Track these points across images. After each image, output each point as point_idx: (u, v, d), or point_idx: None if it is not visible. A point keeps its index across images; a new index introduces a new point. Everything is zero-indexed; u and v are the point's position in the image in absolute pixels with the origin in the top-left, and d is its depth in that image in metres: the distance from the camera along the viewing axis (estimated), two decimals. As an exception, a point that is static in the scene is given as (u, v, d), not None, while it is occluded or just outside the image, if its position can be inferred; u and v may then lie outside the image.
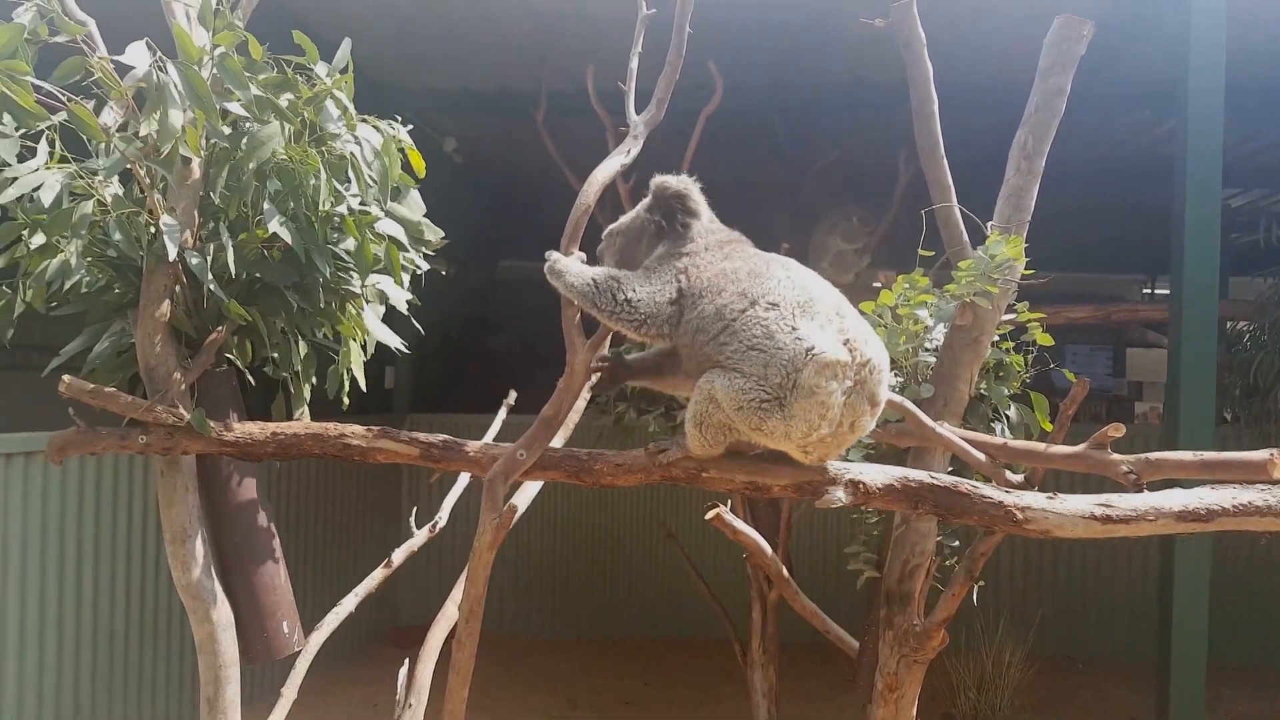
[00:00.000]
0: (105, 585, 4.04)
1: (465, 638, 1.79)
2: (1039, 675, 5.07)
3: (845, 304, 1.78)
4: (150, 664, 4.41)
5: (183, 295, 1.95)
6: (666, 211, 1.89)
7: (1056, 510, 1.63)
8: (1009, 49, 3.90)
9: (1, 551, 3.47)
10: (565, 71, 4.38)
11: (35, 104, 1.56)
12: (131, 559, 4.24)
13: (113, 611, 4.09)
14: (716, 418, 1.68)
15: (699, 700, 5.44)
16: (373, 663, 5.59)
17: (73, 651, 3.83)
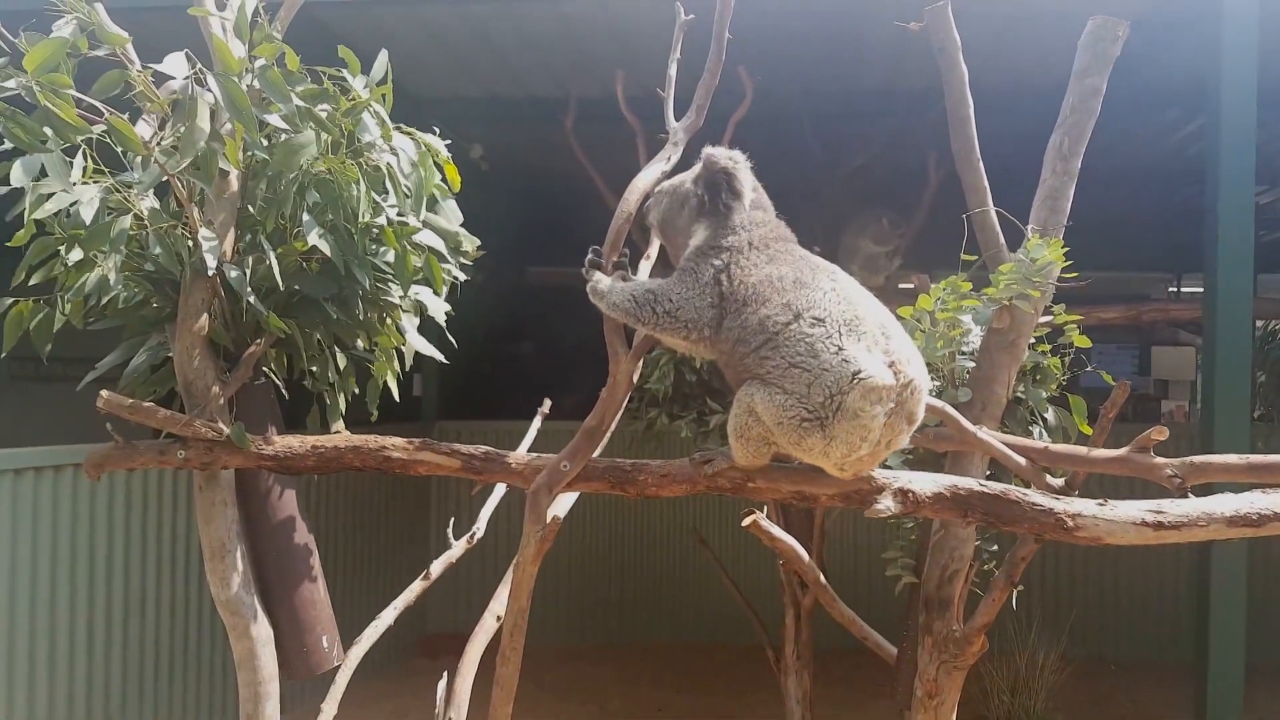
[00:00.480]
0: (144, 600, 4.06)
1: (509, 652, 1.78)
2: (1072, 678, 5.01)
3: (890, 319, 1.76)
4: (189, 680, 4.43)
5: (220, 308, 1.95)
6: (711, 186, 1.85)
7: (1107, 517, 1.60)
8: (1041, 51, 3.87)
9: (33, 565, 3.49)
10: (595, 78, 4.38)
11: (77, 117, 1.57)
12: (171, 573, 4.27)
13: (156, 627, 4.12)
14: (756, 431, 1.67)
15: (732, 707, 5.41)
16: (402, 673, 5.60)
17: (112, 666, 3.85)
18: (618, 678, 5.89)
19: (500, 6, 3.82)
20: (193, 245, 1.84)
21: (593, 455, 1.83)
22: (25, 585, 3.43)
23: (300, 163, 1.76)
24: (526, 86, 4.70)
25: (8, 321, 1.88)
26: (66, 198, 1.67)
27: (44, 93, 1.50)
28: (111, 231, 1.73)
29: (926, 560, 2.75)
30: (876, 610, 3.45)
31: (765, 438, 1.67)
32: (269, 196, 1.93)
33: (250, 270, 1.88)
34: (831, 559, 5.37)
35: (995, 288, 2.27)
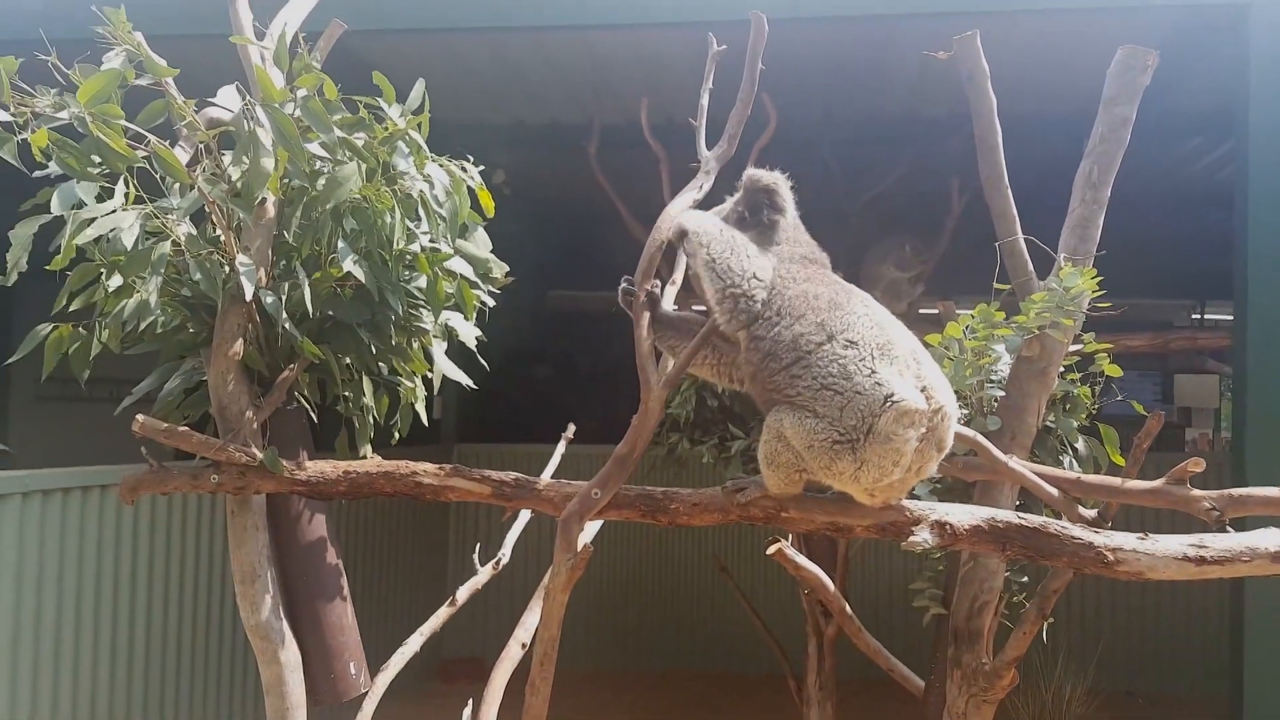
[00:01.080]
0: (168, 622, 4.07)
1: (539, 682, 1.77)
2: (1099, 711, 4.93)
3: (919, 346, 1.76)
4: (219, 704, 4.43)
5: (255, 334, 1.97)
6: (753, 205, 1.88)
7: (1149, 551, 1.58)
8: (1066, 78, 3.88)
9: (59, 586, 3.50)
10: (618, 105, 4.42)
11: (126, 146, 1.59)
12: (200, 597, 4.28)
13: (191, 649, 4.12)
14: (785, 456, 1.66)
15: (750, 736, 5.36)
16: (419, 697, 5.57)
17: (138, 689, 3.85)
18: (636, 704, 5.83)
19: (527, 35, 3.87)
20: (229, 271, 1.86)
21: (623, 482, 1.83)
22: (52, 605, 3.44)
23: (344, 194, 1.78)
24: (551, 113, 4.74)
25: (47, 346, 1.91)
26: (107, 223, 1.69)
27: (95, 123, 1.53)
28: (151, 256, 1.75)
29: (955, 591, 2.72)
30: (899, 640, 3.41)
31: (796, 464, 1.65)
32: (304, 223, 1.95)
33: (285, 296, 1.90)
34: (854, 588, 5.32)
35: (1026, 316, 2.26)
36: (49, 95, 1.57)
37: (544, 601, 1.78)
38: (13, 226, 1.71)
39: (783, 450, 1.65)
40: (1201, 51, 3.77)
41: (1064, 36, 3.62)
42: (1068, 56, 3.73)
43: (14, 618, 3.30)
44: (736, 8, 3.43)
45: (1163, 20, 3.47)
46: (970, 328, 2.35)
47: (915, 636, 5.57)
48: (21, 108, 1.55)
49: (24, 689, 3.35)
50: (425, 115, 2.00)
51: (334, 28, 2.08)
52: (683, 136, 4.22)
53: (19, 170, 1.65)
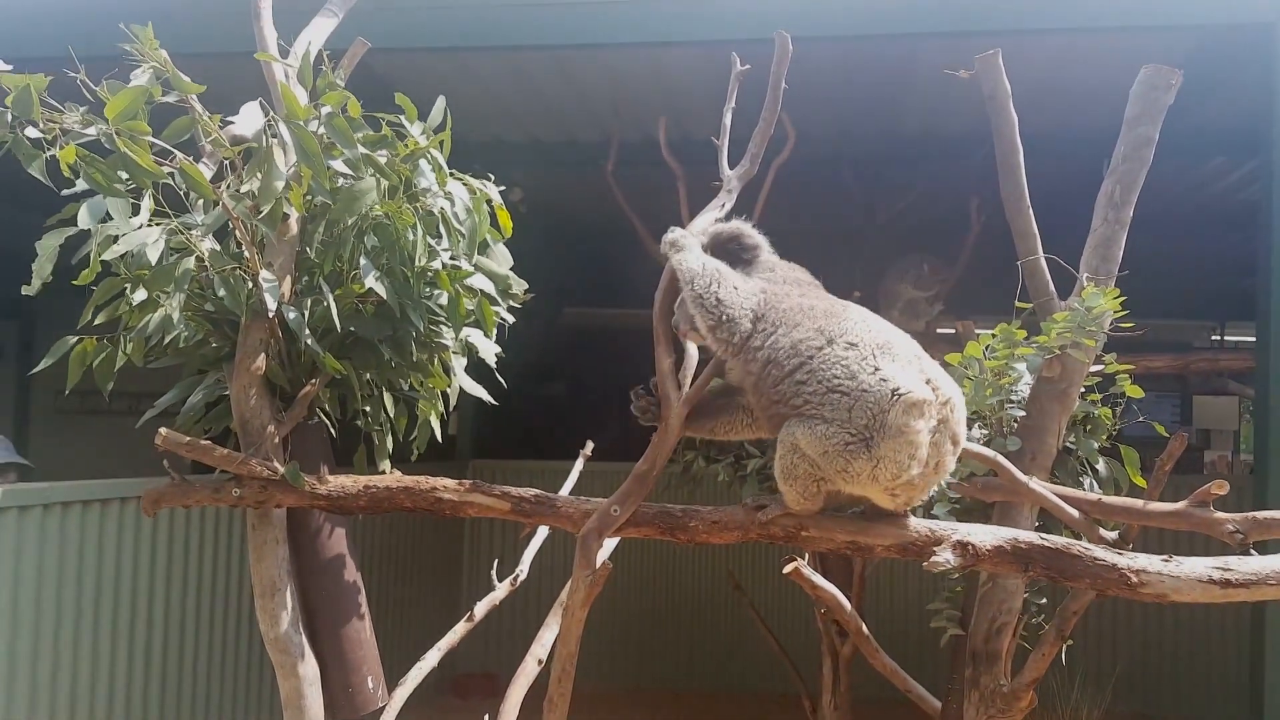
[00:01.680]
0: (184, 635, 4.08)
1: (557, 698, 1.76)
2: (1116, 735, 4.87)
3: (919, 349, 1.79)
4: (235, 717, 4.43)
5: (277, 349, 1.98)
6: (728, 255, 1.90)
7: (1173, 574, 1.56)
8: (1088, 98, 3.87)
9: (78, 597, 3.52)
10: (636, 123, 4.44)
11: (152, 162, 1.61)
12: (219, 610, 4.29)
13: (208, 662, 4.13)
14: (802, 468, 1.66)
15: (763, 756, 5.31)
16: (433, 711, 5.55)
17: (153, 701, 3.86)
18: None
19: (545, 53, 3.89)
20: (252, 286, 1.87)
21: (642, 500, 1.83)
22: (71, 617, 3.46)
23: (361, 209, 1.79)
24: (568, 131, 4.76)
25: (72, 358, 1.92)
26: (135, 239, 1.71)
27: (123, 139, 1.55)
28: (176, 272, 1.77)
29: (973, 612, 2.70)
30: (914, 660, 3.38)
31: (813, 474, 1.66)
32: (327, 240, 1.97)
33: (308, 312, 1.91)
34: (869, 608, 5.29)
35: (1047, 336, 2.25)
36: (77, 112, 1.59)
37: (562, 618, 1.78)
38: (36, 240, 1.73)
39: (799, 462, 1.65)
40: (1225, 70, 3.76)
41: (1084, 55, 3.62)
42: (1088, 75, 3.72)
43: (34, 629, 3.31)
44: (755, 27, 3.46)
45: (1185, 40, 3.46)
46: (991, 347, 2.34)
47: (931, 657, 5.52)
48: (50, 124, 1.57)
49: (43, 700, 3.36)
50: (447, 133, 2.02)
51: (358, 46, 2.10)
52: (700, 154, 4.24)
53: (42, 186, 1.67)
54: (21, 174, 1.61)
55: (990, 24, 3.33)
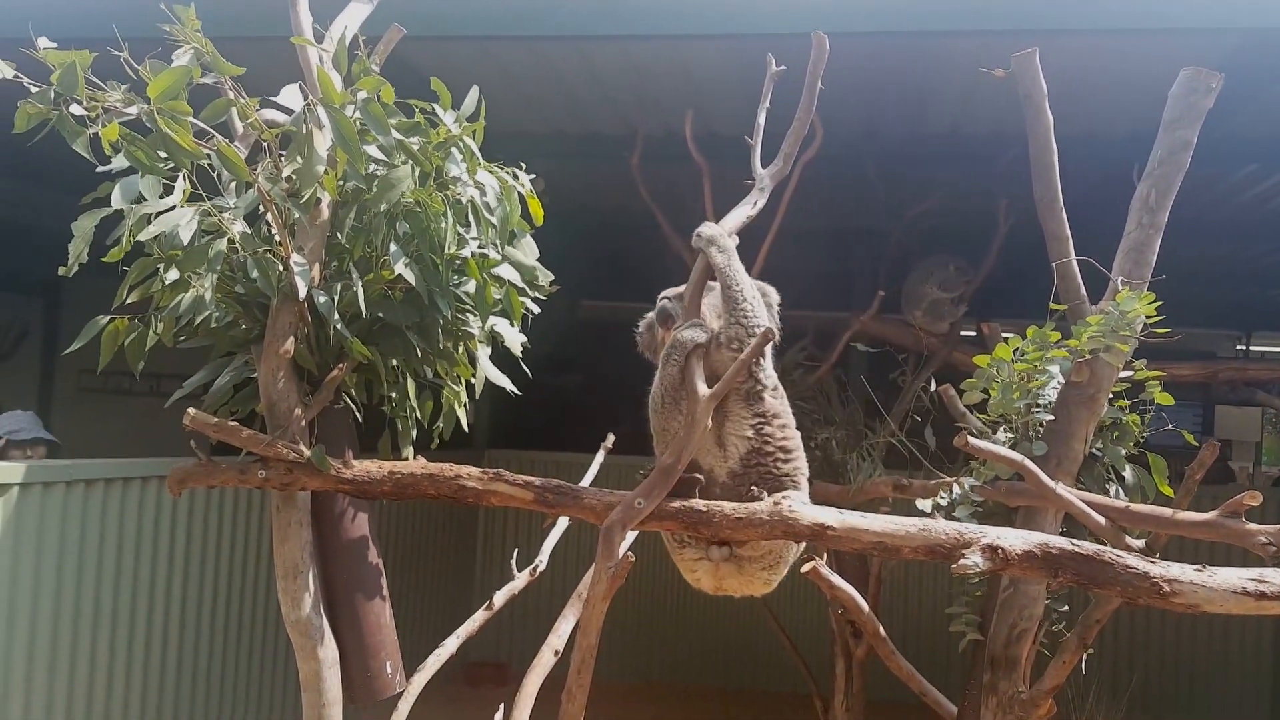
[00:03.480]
0: (206, 614, 4.11)
1: (576, 689, 1.76)
2: (1131, 746, 4.83)
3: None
4: (256, 698, 4.48)
5: (305, 333, 1.98)
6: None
7: (1206, 584, 1.54)
8: (1121, 100, 3.82)
9: (98, 575, 3.55)
10: (661, 116, 4.42)
11: (193, 142, 1.61)
12: (241, 591, 4.34)
13: (235, 643, 4.18)
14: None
15: (772, 755, 5.31)
16: (444, 699, 5.56)
17: (170, 679, 3.89)
18: (657, 717, 5.80)
19: (570, 44, 3.88)
20: (283, 270, 1.88)
21: (666, 494, 1.82)
22: (91, 594, 3.49)
23: (396, 196, 1.80)
24: (592, 123, 4.75)
25: (104, 337, 1.93)
26: (168, 219, 1.72)
27: (164, 119, 1.55)
28: (209, 253, 1.78)
29: (993, 617, 2.68)
30: (928, 663, 3.36)
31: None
32: (357, 225, 1.97)
33: (337, 296, 1.91)
34: (884, 610, 5.28)
35: (1078, 340, 2.23)
36: (119, 91, 1.60)
37: (584, 609, 1.77)
38: (61, 221, 1.74)
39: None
40: (1262, 75, 3.70)
41: (1118, 57, 3.57)
42: (1122, 77, 3.67)
43: (54, 604, 3.35)
44: (782, 21, 3.43)
45: (1221, 43, 3.41)
46: (1020, 350, 2.32)
47: (945, 661, 5.50)
48: (94, 102, 1.58)
49: (62, 675, 3.39)
50: (480, 123, 2.02)
51: (393, 32, 2.10)
52: (725, 149, 4.23)
53: (66, 168, 1.68)
54: (46, 156, 1.62)
55: (1023, 23, 3.29)
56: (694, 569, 1.93)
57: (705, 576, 1.94)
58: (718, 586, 1.95)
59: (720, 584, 1.94)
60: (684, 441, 1.77)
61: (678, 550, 1.93)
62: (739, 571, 1.91)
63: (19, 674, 3.20)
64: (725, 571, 1.92)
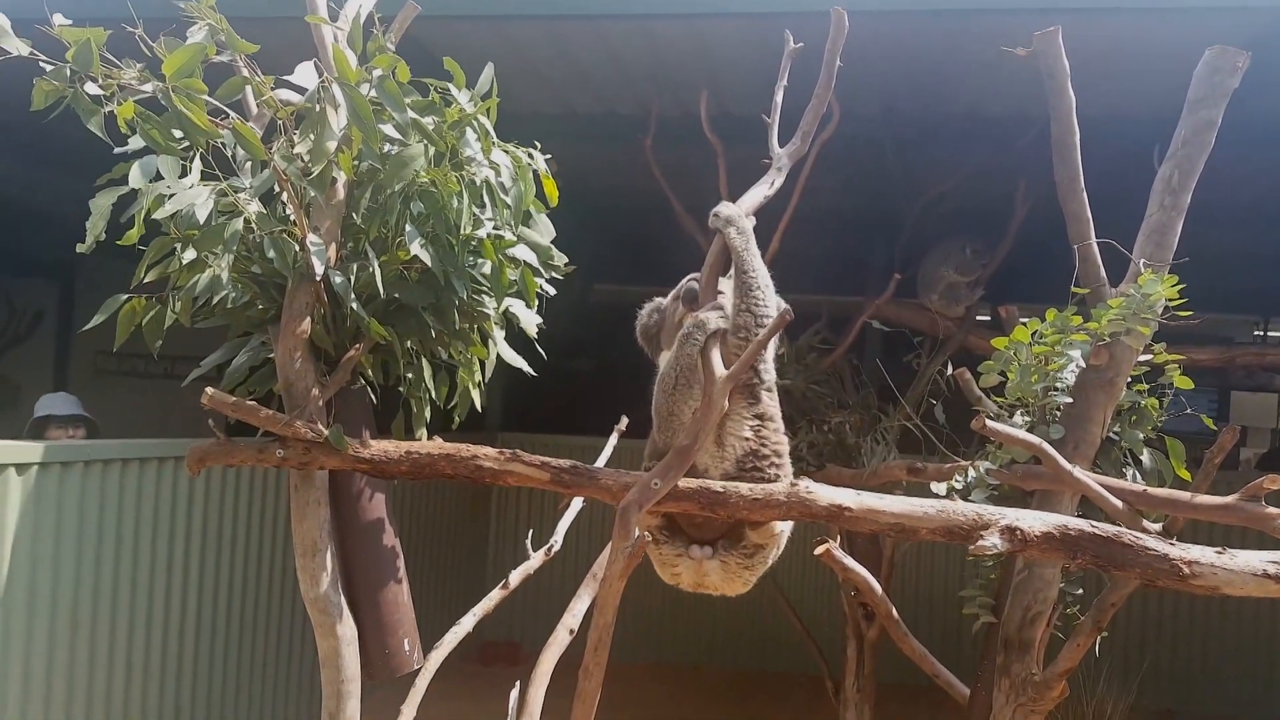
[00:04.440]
0: (224, 593, 4.15)
1: (592, 666, 1.77)
2: (1141, 730, 4.84)
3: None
4: (275, 675, 4.53)
5: (322, 313, 1.98)
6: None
7: (1226, 566, 1.53)
8: (1144, 80, 3.77)
9: (116, 554, 3.58)
10: (676, 97, 4.39)
11: (208, 121, 1.61)
12: (260, 569, 4.38)
13: (242, 620, 4.22)
14: None
15: (784, 735, 5.34)
16: (457, 678, 5.59)
17: (187, 655, 3.93)
18: (669, 698, 5.84)
19: (587, 23, 3.85)
20: (299, 250, 1.88)
21: (682, 475, 1.81)
22: (110, 572, 3.52)
23: (410, 175, 1.79)
24: (607, 103, 4.72)
25: (121, 316, 1.94)
26: (186, 198, 1.72)
27: (179, 97, 1.55)
28: (225, 233, 1.78)
29: (1007, 600, 2.68)
30: (938, 645, 3.36)
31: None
32: (372, 206, 1.96)
33: (354, 277, 1.91)
34: (895, 592, 5.28)
35: (1098, 322, 2.21)
36: (134, 68, 1.59)
37: (600, 588, 1.78)
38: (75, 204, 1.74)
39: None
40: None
41: (1142, 35, 3.52)
42: (1146, 56, 3.62)
43: (74, 583, 3.38)
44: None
45: (1247, 22, 3.35)
46: (1039, 333, 2.30)
47: (956, 643, 5.51)
48: (109, 80, 1.57)
49: (82, 653, 3.43)
50: (494, 100, 2.00)
51: (409, 10, 2.08)
52: (740, 130, 4.20)
53: (79, 151, 1.68)
54: (62, 139, 1.62)
55: (1045, 1, 3.25)
56: (674, 565, 1.91)
57: (686, 574, 1.92)
58: (698, 584, 1.94)
59: (701, 581, 1.93)
60: (700, 423, 1.77)
61: (655, 547, 1.90)
62: (721, 569, 1.90)
63: (40, 652, 3.24)
64: (707, 569, 1.90)
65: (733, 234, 1.87)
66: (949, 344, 4.63)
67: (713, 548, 1.90)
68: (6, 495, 3.10)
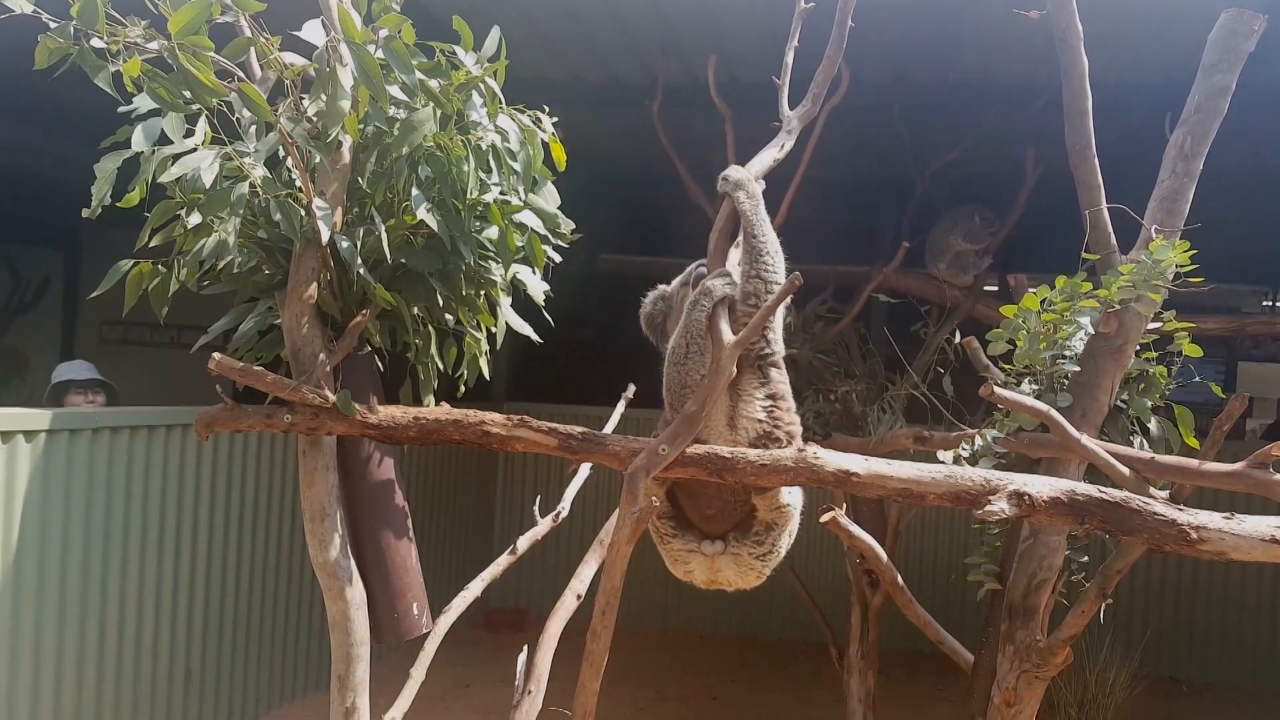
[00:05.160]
0: (232, 557, 4.19)
1: (600, 629, 1.78)
2: (1143, 696, 4.87)
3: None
4: (284, 638, 4.58)
5: (329, 278, 1.98)
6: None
7: (1234, 531, 1.53)
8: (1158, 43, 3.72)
9: (125, 520, 3.61)
10: (683, 63, 4.35)
11: (215, 80, 1.60)
12: (268, 535, 4.41)
13: (251, 584, 4.26)
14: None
15: (790, 700, 5.38)
16: (463, 644, 5.65)
17: (193, 618, 3.97)
18: (676, 665, 5.89)
19: (593, -13, 3.81)
20: (305, 214, 1.87)
21: (690, 441, 1.81)
22: (119, 539, 3.55)
23: (418, 139, 1.77)
24: (614, 69, 4.67)
25: (128, 282, 1.93)
26: (190, 161, 1.70)
27: (185, 55, 1.53)
28: (231, 196, 1.77)
29: (1012, 567, 2.69)
30: (941, 613, 3.37)
31: None
32: (378, 170, 1.95)
33: (360, 242, 1.90)
34: (900, 560, 5.30)
35: (1108, 289, 2.19)
36: (139, 25, 1.57)
37: (608, 552, 1.79)
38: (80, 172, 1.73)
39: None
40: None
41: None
42: (1160, 19, 3.57)
43: (84, 550, 3.41)
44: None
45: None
46: (1048, 300, 2.29)
47: (959, 611, 5.54)
48: (114, 38, 1.56)
49: (92, 618, 3.46)
50: (502, 63, 1.98)
51: (413, -29, 2.06)
52: (748, 97, 4.16)
53: (85, 118, 1.66)
54: (65, 104, 1.60)
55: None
56: (686, 561, 1.90)
57: (699, 570, 1.90)
58: (712, 580, 1.93)
59: (715, 577, 1.92)
60: (708, 389, 1.76)
61: (665, 542, 1.88)
62: (734, 562, 1.88)
63: (51, 617, 3.27)
64: (720, 564, 1.89)
65: (742, 198, 1.86)
66: (956, 313, 4.61)
67: (724, 542, 1.89)
68: (15, 462, 3.12)
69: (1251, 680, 5.94)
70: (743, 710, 5.21)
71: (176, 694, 3.88)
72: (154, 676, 3.74)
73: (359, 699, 2.00)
